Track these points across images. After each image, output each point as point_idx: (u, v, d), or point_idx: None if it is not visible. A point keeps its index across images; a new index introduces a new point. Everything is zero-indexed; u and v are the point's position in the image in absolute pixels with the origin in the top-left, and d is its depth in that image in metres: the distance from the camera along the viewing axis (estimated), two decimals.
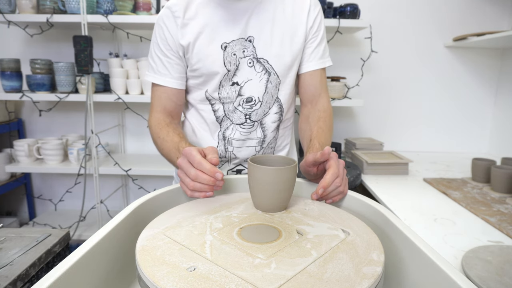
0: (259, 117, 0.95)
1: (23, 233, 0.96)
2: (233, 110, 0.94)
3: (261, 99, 0.93)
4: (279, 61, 0.92)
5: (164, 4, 1.95)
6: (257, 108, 0.94)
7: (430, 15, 2.06)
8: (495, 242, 0.98)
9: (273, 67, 0.92)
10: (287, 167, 0.62)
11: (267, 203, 0.62)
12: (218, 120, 0.95)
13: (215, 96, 0.93)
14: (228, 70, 0.90)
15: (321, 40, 0.96)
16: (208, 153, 0.71)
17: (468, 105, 2.16)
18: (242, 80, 0.91)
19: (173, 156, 0.84)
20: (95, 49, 2.04)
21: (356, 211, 0.69)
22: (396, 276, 0.57)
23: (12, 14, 1.87)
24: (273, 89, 0.94)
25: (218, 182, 0.67)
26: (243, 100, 0.92)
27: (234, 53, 0.89)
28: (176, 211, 0.62)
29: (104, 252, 0.52)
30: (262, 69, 0.91)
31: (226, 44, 0.89)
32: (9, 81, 1.92)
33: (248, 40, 0.90)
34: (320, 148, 0.83)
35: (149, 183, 2.32)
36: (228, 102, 0.93)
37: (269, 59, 0.91)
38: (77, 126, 2.29)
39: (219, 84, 0.91)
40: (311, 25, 0.94)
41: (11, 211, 2.43)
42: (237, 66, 0.90)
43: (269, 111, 0.95)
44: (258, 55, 0.91)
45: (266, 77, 0.92)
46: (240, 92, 0.92)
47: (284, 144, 1.04)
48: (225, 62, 0.89)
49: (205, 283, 0.41)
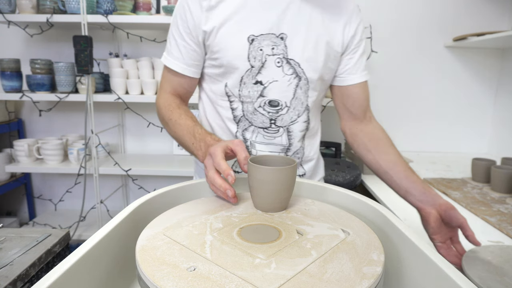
0: (286, 124, 0.88)
1: (23, 233, 0.96)
2: (252, 112, 0.86)
3: (289, 104, 0.86)
4: (311, 66, 0.84)
5: (163, 4, 1.95)
6: (283, 113, 0.86)
7: (430, 15, 2.06)
8: (495, 242, 0.98)
9: (305, 72, 0.84)
10: (287, 167, 0.62)
11: (267, 203, 0.62)
12: (235, 119, 0.89)
13: (235, 93, 0.86)
14: (251, 66, 0.82)
15: (363, 51, 0.91)
16: (236, 151, 0.66)
17: (468, 105, 2.16)
18: (267, 80, 0.83)
19: (187, 140, 0.80)
20: (95, 49, 2.04)
21: (356, 211, 0.69)
22: (396, 276, 0.57)
23: (12, 14, 1.87)
24: (302, 95, 0.86)
25: (229, 199, 0.64)
26: (265, 102, 0.85)
27: (261, 48, 0.81)
28: (176, 211, 0.62)
29: (104, 252, 0.52)
30: (292, 72, 0.84)
31: (253, 37, 0.81)
32: (9, 81, 1.93)
33: (280, 37, 0.82)
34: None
35: (149, 183, 2.32)
36: (248, 102, 0.86)
37: (301, 62, 0.84)
38: (77, 126, 2.29)
39: (240, 80, 0.84)
40: (353, 34, 0.88)
41: (11, 211, 2.43)
42: (262, 63, 0.82)
43: (298, 119, 0.88)
44: (288, 55, 0.83)
45: (296, 81, 0.85)
46: (262, 93, 0.84)
47: (312, 154, 0.97)
48: (249, 57, 0.82)
49: (205, 283, 0.41)
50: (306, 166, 0.97)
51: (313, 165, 0.99)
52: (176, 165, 2.07)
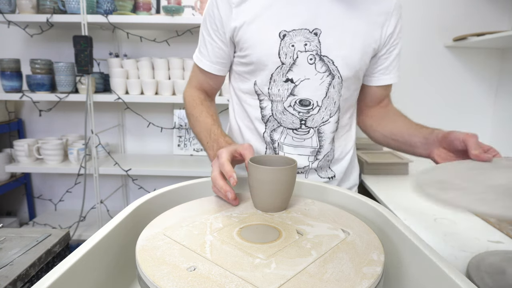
0: (316, 124, 0.84)
1: (23, 233, 0.96)
2: (282, 111, 0.83)
3: (320, 104, 0.82)
4: (347, 64, 0.80)
5: (163, 4, 1.95)
6: (314, 113, 0.82)
7: (430, 15, 2.06)
8: (495, 242, 0.98)
9: (339, 70, 0.80)
10: (287, 167, 0.62)
11: (267, 203, 0.62)
12: (263, 119, 0.85)
13: (264, 91, 0.83)
14: (282, 63, 0.79)
15: (400, 50, 0.86)
16: (244, 154, 0.66)
17: (468, 105, 2.16)
18: (298, 78, 0.79)
19: (202, 138, 0.82)
20: (95, 49, 2.04)
21: (356, 211, 0.69)
22: (396, 276, 0.57)
23: (12, 14, 1.87)
24: (335, 94, 0.82)
25: (230, 202, 0.63)
26: (295, 101, 0.81)
27: (292, 44, 0.77)
28: (176, 211, 0.62)
29: (104, 252, 0.52)
30: (325, 69, 0.79)
31: (285, 33, 0.77)
32: (9, 81, 1.93)
33: (314, 32, 0.77)
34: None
35: (149, 183, 2.32)
36: (278, 100, 0.82)
37: (335, 60, 0.79)
38: (77, 126, 2.29)
39: (270, 78, 0.81)
40: (392, 31, 0.82)
41: (11, 211, 2.43)
42: (294, 60, 0.78)
43: (330, 119, 0.84)
44: (322, 52, 0.78)
45: (329, 80, 0.80)
46: (293, 91, 0.81)
47: (343, 156, 0.92)
48: (280, 53, 0.78)
49: (205, 283, 0.41)
50: (335, 168, 0.92)
51: (344, 168, 0.93)
52: (176, 165, 2.07)
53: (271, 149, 0.88)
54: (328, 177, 0.92)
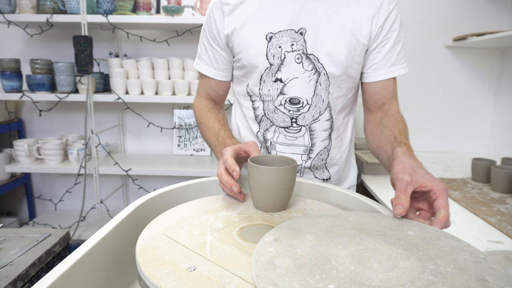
0: (307, 122, 0.85)
1: (23, 233, 0.96)
2: (273, 110, 0.85)
3: (310, 102, 0.83)
4: (332, 61, 0.79)
5: (163, 4, 1.95)
6: (305, 111, 0.84)
7: (430, 15, 2.06)
8: (495, 242, 0.98)
9: (324, 67, 0.80)
10: (287, 167, 0.62)
11: (267, 203, 0.62)
12: (257, 119, 0.89)
13: (255, 92, 0.86)
14: (270, 64, 0.81)
15: (394, 43, 0.82)
16: (249, 151, 0.70)
17: (468, 105, 2.16)
18: (287, 77, 0.81)
19: (211, 143, 0.86)
20: (95, 49, 2.04)
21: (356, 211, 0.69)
22: None
23: (12, 14, 1.87)
24: (323, 91, 0.82)
25: (236, 196, 0.67)
26: (285, 100, 0.83)
27: (279, 45, 0.79)
28: (176, 211, 0.62)
29: (104, 252, 0.52)
30: (312, 67, 0.80)
31: (271, 35, 0.79)
32: (9, 81, 1.93)
33: (299, 32, 0.78)
34: (407, 145, 0.71)
35: (149, 183, 2.32)
36: (269, 100, 0.85)
37: (320, 57, 0.80)
38: (77, 126, 2.29)
39: (260, 79, 0.83)
40: (381, 25, 0.80)
41: (11, 211, 2.43)
42: (281, 60, 0.80)
43: (320, 117, 0.85)
44: (308, 50, 0.79)
45: (316, 77, 0.81)
46: (282, 90, 0.83)
47: (338, 157, 0.91)
48: (268, 55, 0.80)
49: (205, 283, 0.41)
50: (331, 169, 0.92)
51: (339, 169, 0.93)
52: (176, 165, 2.07)
53: (264, 148, 0.91)
54: (323, 178, 0.93)
